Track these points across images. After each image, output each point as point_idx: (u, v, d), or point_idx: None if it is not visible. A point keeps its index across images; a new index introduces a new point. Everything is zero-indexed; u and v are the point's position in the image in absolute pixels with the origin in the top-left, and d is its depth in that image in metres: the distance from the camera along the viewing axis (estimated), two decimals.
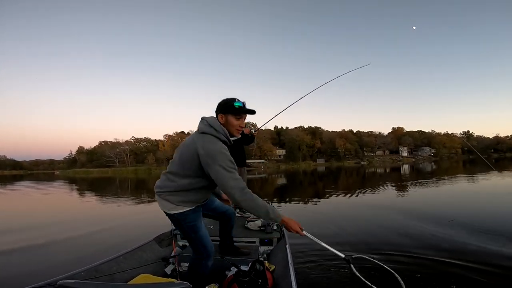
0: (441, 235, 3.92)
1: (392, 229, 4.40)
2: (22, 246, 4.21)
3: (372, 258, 2.00)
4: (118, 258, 2.17)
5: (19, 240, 4.59)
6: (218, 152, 1.60)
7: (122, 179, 27.64)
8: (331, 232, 4.31)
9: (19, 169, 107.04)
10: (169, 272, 2.33)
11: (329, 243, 1.75)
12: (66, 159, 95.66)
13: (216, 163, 1.56)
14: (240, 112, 1.74)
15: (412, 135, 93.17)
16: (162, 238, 2.77)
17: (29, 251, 3.98)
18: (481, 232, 4.00)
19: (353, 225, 4.80)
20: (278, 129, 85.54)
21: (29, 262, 3.50)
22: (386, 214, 5.66)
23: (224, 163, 1.57)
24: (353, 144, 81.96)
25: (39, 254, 3.85)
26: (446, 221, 4.74)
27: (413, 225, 4.62)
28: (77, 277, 1.75)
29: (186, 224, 1.81)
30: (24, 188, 18.76)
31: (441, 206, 6.53)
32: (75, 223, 6.05)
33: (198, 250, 1.88)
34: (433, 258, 3.08)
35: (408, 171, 24.86)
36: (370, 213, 5.93)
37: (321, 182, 17.56)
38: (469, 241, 3.65)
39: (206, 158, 1.59)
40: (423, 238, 3.87)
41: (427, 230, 4.22)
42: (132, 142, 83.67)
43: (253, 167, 56.26)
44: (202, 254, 1.89)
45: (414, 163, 57.76)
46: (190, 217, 1.80)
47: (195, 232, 1.85)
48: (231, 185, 1.55)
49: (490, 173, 15.67)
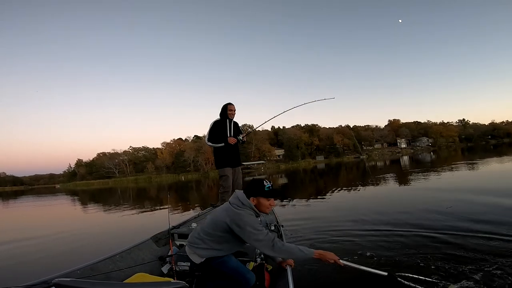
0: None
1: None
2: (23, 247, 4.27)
3: (413, 275, 2.09)
4: (115, 257, 2.15)
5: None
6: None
7: (123, 189, 27.53)
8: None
9: (20, 185, 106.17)
10: (166, 271, 2.32)
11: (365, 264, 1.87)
12: (65, 173, 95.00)
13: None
14: (270, 196, 2.01)
15: (409, 127, 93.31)
16: (159, 237, 2.76)
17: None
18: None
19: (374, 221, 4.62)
20: (276, 129, 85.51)
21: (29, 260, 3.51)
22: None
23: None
24: (351, 139, 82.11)
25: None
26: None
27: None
28: (72, 276, 1.74)
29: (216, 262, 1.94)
30: (31, 201, 18.67)
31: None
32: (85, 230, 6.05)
33: (239, 283, 1.90)
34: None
35: (409, 162, 24.94)
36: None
37: (321, 179, 17.59)
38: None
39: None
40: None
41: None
42: (130, 152, 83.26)
43: (253, 169, 56.20)
44: (242, 284, 1.91)
45: (413, 154, 57.92)
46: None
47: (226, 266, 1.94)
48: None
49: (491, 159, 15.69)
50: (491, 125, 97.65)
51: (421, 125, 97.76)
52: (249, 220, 1.87)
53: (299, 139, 77.81)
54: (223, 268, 1.92)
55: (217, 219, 1.96)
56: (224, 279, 1.94)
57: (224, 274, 1.93)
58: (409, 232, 3.71)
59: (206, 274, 2.00)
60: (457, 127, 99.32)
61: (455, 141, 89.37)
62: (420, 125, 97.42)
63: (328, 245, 3.54)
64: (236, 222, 1.85)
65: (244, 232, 1.83)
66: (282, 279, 1.91)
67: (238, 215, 1.88)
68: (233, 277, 1.91)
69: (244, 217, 1.87)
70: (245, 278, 1.89)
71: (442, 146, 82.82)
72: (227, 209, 1.96)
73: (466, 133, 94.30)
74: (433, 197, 6.25)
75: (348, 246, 3.43)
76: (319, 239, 3.82)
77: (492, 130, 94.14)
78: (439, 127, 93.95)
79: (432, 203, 5.50)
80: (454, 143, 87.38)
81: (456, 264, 2.59)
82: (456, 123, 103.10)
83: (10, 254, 4.45)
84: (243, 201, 1.95)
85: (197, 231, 2.06)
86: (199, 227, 2.13)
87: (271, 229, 2.95)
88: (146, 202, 12.29)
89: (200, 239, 1.96)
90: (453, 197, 5.85)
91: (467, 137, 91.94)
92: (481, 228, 3.55)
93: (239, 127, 4.42)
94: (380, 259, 2.90)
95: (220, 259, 1.93)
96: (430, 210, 4.87)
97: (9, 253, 4.57)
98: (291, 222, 4.88)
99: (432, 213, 4.65)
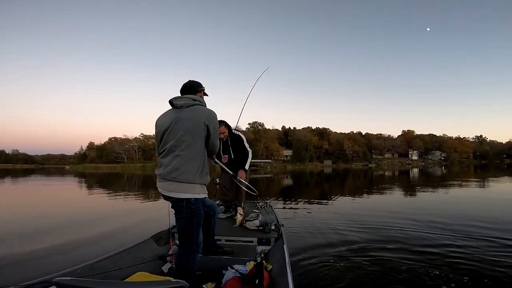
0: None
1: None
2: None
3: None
4: (115, 256, 2.16)
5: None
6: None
7: (130, 175, 28.01)
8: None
9: (31, 163, 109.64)
10: (166, 270, 2.31)
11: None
12: (76, 154, 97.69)
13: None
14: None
15: (423, 139, 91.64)
16: (159, 236, 2.76)
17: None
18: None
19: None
20: (286, 129, 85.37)
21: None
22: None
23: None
24: (362, 147, 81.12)
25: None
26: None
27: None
28: (72, 275, 1.74)
29: (198, 217, 1.86)
30: (35, 183, 19.20)
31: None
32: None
33: (190, 245, 1.87)
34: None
35: (418, 175, 24.46)
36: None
37: (327, 183, 17.40)
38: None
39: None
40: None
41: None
42: (141, 139, 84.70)
43: (259, 167, 56.26)
44: (193, 249, 1.87)
45: (423, 167, 56.80)
46: (201, 208, 1.88)
47: (199, 227, 1.88)
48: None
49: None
50: (508, 143, 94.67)
51: (436, 138, 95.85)
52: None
53: (309, 141, 77.47)
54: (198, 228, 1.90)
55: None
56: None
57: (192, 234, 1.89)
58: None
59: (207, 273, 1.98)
60: (473, 143, 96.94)
61: (469, 157, 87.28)
62: (434, 138, 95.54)
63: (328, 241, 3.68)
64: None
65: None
66: (282, 278, 1.88)
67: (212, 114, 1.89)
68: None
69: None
70: (199, 247, 1.91)
71: (454, 161, 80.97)
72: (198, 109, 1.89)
73: (482, 150, 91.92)
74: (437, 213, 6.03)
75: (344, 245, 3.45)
76: (318, 239, 3.91)
77: (509, 149, 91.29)
78: (454, 141, 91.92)
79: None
80: (468, 159, 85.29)
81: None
82: (473, 139, 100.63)
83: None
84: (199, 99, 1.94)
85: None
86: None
87: (272, 229, 2.95)
88: (150, 192, 12.41)
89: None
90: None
91: (482, 154, 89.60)
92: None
93: (235, 141, 3.64)
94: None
95: (201, 216, 1.90)
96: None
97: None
98: (291, 222, 4.95)
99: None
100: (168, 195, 1.81)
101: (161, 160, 1.88)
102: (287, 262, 2.04)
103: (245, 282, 1.95)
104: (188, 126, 1.78)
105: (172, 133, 1.80)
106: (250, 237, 2.87)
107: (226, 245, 2.77)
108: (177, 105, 1.82)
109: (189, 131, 1.77)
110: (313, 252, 3.34)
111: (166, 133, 1.83)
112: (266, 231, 2.88)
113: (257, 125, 76.19)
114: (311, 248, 3.49)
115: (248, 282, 1.93)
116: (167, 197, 1.85)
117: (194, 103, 1.85)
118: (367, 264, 2.97)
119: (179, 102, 1.82)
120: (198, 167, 1.82)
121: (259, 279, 1.94)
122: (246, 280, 1.96)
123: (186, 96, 1.88)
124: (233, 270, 2.12)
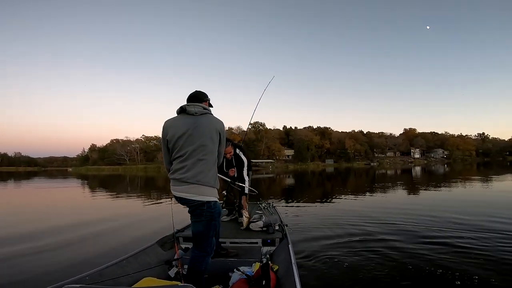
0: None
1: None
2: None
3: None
4: (122, 262, 2.18)
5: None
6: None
7: (132, 177, 28.07)
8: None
9: (34, 166, 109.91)
10: (173, 275, 2.32)
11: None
12: (79, 156, 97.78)
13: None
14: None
15: (425, 137, 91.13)
16: (164, 241, 2.77)
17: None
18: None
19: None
20: (287, 129, 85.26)
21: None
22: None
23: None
24: (363, 145, 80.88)
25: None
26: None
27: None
28: (82, 282, 1.76)
29: (215, 220, 1.91)
30: (37, 186, 19.25)
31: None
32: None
33: (206, 248, 1.89)
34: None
35: (420, 174, 24.36)
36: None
37: (329, 182, 17.37)
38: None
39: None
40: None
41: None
42: (142, 141, 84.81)
43: (261, 167, 56.22)
44: (208, 251, 1.89)
45: (426, 165, 56.59)
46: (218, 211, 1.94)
47: (215, 230, 1.94)
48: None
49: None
50: (511, 141, 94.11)
51: (438, 136, 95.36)
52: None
53: (310, 141, 77.26)
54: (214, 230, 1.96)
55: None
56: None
57: (209, 235, 1.93)
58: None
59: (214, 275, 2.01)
60: (476, 140, 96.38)
61: (471, 155, 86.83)
62: (436, 136, 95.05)
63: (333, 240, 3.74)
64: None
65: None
66: (288, 279, 1.89)
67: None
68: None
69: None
70: (212, 250, 1.95)
71: (457, 159, 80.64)
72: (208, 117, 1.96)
73: (484, 147, 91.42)
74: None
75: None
76: (323, 238, 3.93)
77: (511, 147, 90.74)
78: (457, 139, 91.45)
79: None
80: (470, 157, 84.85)
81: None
82: (475, 136, 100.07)
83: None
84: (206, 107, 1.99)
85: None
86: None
87: (276, 229, 2.94)
88: (152, 193, 12.42)
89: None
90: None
91: (485, 152, 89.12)
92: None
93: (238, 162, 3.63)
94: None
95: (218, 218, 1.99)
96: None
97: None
98: (295, 222, 4.98)
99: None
100: (191, 198, 1.81)
101: (180, 164, 1.84)
102: (293, 262, 2.05)
103: (252, 283, 1.95)
104: (209, 132, 1.85)
105: (192, 137, 1.82)
106: (255, 238, 2.86)
107: (231, 248, 2.76)
108: (191, 111, 1.86)
109: (210, 138, 1.85)
110: (318, 251, 3.33)
111: (184, 137, 1.83)
112: (270, 232, 2.88)
113: (258, 125, 76.11)
114: (317, 247, 3.48)
115: (255, 284, 1.92)
116: (187, 200, 1.84)
117: (205, 112, 1.91)
118: (375, 262, 2.97)
119: (193, 109, 1.87)
120: (215, 172, 1.91)
121: (266, 280, 1.94)
122: (253, 282, 1.96)
123: (198, 104, 1.92)
124: (239, 272, 2.13)
